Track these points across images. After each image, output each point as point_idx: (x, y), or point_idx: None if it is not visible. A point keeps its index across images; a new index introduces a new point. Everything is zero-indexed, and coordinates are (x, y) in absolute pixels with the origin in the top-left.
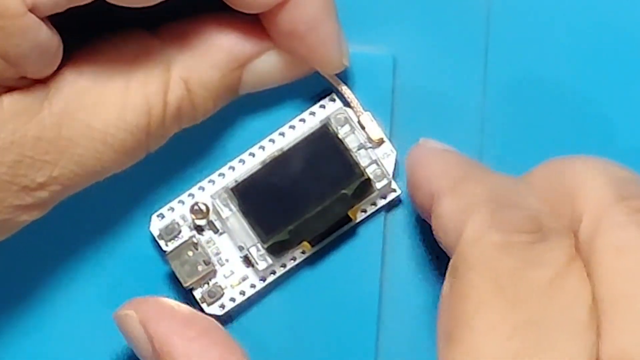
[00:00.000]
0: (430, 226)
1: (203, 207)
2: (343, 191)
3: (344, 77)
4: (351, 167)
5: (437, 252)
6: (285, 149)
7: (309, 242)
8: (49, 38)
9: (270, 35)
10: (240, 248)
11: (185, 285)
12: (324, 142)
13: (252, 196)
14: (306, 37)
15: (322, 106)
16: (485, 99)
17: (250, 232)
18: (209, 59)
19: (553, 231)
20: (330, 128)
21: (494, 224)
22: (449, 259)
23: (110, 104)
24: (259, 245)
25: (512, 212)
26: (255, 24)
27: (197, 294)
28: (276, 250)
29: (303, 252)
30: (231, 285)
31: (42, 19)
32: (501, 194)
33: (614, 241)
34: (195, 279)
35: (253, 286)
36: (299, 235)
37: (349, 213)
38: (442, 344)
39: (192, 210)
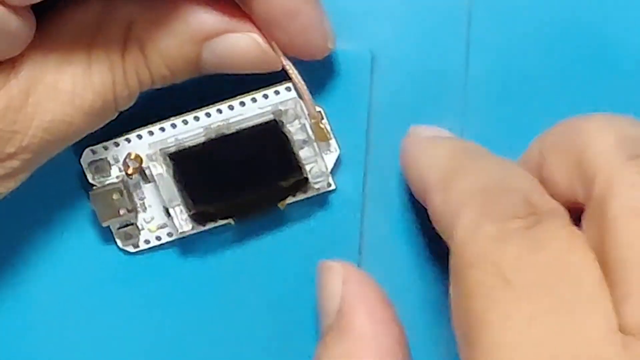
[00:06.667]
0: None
1: (136, 161)
2: (280, 183)
3: (320, 72)
4: (291, 163)
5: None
6: (232, 131)
7: (234, 220)
8: (19, 26)
9: (254, 22)
10: (165, 208)
11: (103, 224)
12: (271, 134)
13: (188, 165)
14: (285, 25)
15: (277, 92)
16: (466, 96)
17: (178, 196)
18: (166, 27)
19: (547, 212)
20: (278, 122)
21: (485, 215)
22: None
23: (76, 64)
24: (183, 209)
25: (502, 199)
26: (225, 5)
27: (114, 228)
28: (199, 219)
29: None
30: (149, 230)
31: (13, 9)
32: (490, 182)
33: (628, 203)
34: (113, 221)
35: (170, 235)
36: (226, 212)
37: (280, 205)
38: (462, 349)
39: (125, 159)
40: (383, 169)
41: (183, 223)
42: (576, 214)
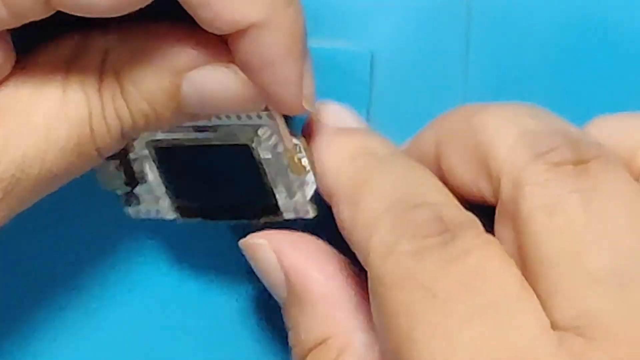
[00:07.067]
0: None
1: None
2: (253, 204)
3: (320, 72)
4: (263, 188)
5: None
6: (215, 143)
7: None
8: None
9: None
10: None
11: (104, 189)
12: (245, 157)
13: (172, 163)
14: (260, 74)
15: (259, 116)
16: (466, 96)
17: (164, 186)
18: (143, 57)
19: (459, 225)
20: (251, 148)
21: (399, 234)
22: None
23: (50, 95)
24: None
25: (414, 217)
26: (205, 37)
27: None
28: (184, 212)
29: None
30: (146, 202)
31: None
32: (399, 197)
33: (539, 201)
34: (114, 188)
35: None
36: (207, 213)
37: (252, 224)
38: None
39: None
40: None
41: (171, 212)
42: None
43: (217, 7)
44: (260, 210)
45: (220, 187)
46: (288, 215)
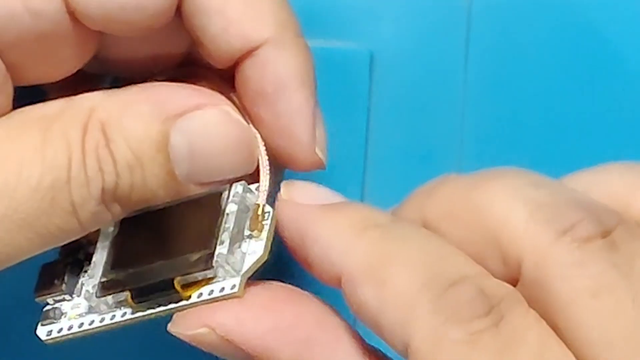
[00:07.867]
0: None
1: None
2: (187, 255)
3: (320, 72)
4: (211, 237)
5: None
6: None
7: (132, 294)
8: None
9: (243, 106)
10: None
11: (35, 297)
12: (209, 205)
13: (131, 228)
14: (274, 99)
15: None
16: (466, 96)
17: (103, 262)
18: (129, 107)
19: (504, 301)
20: (221, 198)
21: (445, 318)
22: None
23: (28, 136)
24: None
25: (456, 295)
26: (195, 82)
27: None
28: (106, 287)
29: (133, 312)
30: (69, 317)
31: None
32: (434, 269)
33: (581, 283)
34: (46, 296)
35: (81, 325)
36: (129, 280)
37: (176, 283)
38: None
39: None
40: (382, 169)
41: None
42: None
43: (230, 22)
44: (195, 263)
45: (164, 244)
46: (221, 272)
